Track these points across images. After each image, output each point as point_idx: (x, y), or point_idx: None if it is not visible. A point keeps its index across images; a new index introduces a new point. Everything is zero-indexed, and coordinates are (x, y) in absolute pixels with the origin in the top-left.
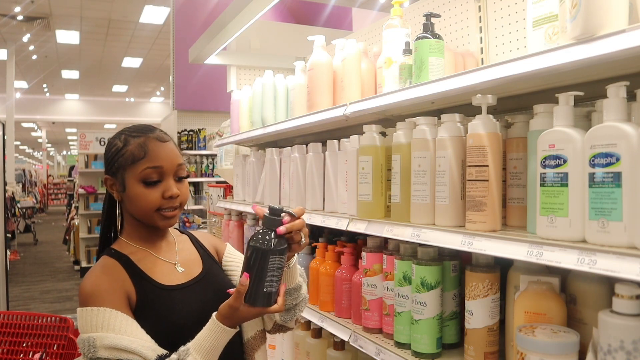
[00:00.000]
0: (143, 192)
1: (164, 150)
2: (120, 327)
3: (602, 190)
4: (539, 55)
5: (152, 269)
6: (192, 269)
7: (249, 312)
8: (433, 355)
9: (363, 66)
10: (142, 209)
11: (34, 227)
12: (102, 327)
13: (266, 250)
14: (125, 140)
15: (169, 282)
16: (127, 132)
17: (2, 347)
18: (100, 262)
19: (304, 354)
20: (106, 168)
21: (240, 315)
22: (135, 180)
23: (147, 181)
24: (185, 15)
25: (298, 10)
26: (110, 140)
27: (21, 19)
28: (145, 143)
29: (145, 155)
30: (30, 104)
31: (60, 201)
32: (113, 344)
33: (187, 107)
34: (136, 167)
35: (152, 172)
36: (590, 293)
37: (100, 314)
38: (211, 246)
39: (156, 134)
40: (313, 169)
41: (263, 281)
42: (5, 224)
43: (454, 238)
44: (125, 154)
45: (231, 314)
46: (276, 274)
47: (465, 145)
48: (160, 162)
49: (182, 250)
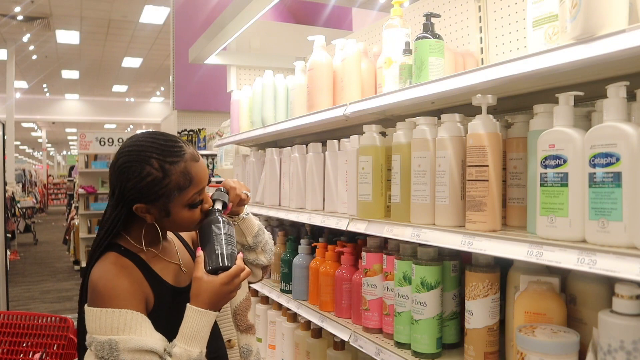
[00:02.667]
0: (190, 214)
1: (202, 170)
2: (141, 330)
3: (602, 190)
4: (539, 55)
5: (162, 271)
6: (191, 269)
7: (217, 281)
8: (433, 355)
9: (363, 66)
10: (187, 227)
11: (34, 227)
12: (123, 330)
13: (205, 224)
14: (162, 169)
15: (179, 284)
16: (158, 156)
17: (2, 347)
18: (112, 260)
19: (304, 354)
20: (136, 196)
21: (208, 288)
22: (181, 207)
23: (194, 204)
24: (185, 15)
25: (298, 10)
26: (133, 165)
27: (21, 19)
28: (187, 170)
29: (191, 183)
30: (30, 104)
31: (60, 201)
32: (138, 346)
33: (187, 107)
34: (183, 195)
35: (198, 196)
36: (590, 293)
37: (122, 316)
38: (189, 238)
39: (189, 153)
40: (313, 169)
41: (212, 245)
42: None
43: (454, 238)
44: (169, 184)
45: (198, 287)
46: (225, 238)
47: (465, 145)
48: (203, 183)
49: (179, 250)
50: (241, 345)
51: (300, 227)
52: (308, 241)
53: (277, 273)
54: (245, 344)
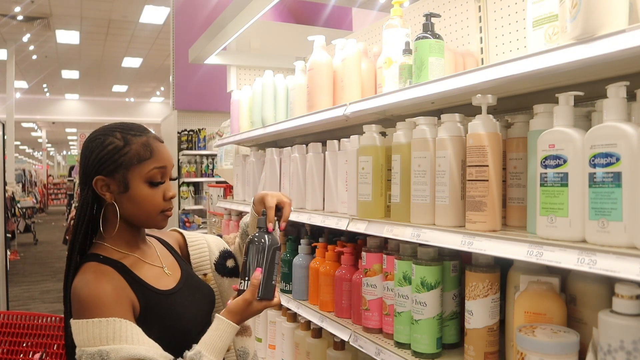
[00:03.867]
0: (149, 193)
1: (165, 151)
2: (132, 337)
3: (602, 190)
4: (539, 55)
5: (146, 275)
6: (175, 271)
7: (258, 307)
8: (433, 355)
9: (363, 66)
10: (147, 210)
11: (34, 227)
12: (113, 339)
13: (273, 246)
14: (124, 138)
15: (164, 286)
16: (121, 129)
17: (2, 347)
18: (92, 269)
19: (304, 354)
20: (96, 168)
21: (253, 310)
22: (140, 181)
23: (154, 182)
24: (185, 15)
25: (298, 10)
26: (98, 138)
27: (21, 19)
28: (148, 143)
29: (151, 155)
30: (30, 104)
31: (60, 201)
32: (131, 354)
33: (187, 107)
34: (142, 167)
35: (158, 172)
36: (590, 293)
37: (110, 325)
38: (175, 243)
39: (153, 134)
40: (313, 169)
41: (272, 275)
42: (5, 224)
43: (454, 238)
44: (129, 152)
45: (244, 309)
46: (277, 268)
47: (465, 145)
48: (165, 162)
49: (161, 252)
50: (237, 349)
51: (300, 227)
52: (308, 241)
53: None
54: (241, 347)
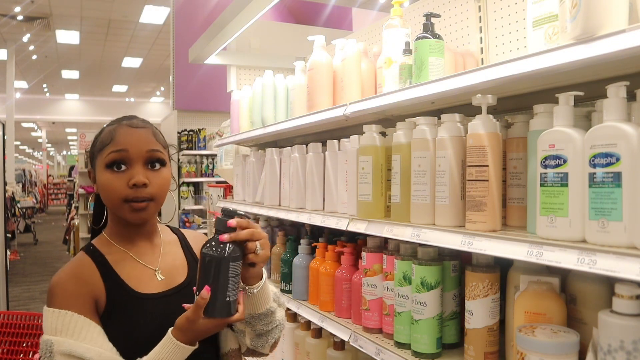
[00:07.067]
0: (109, 178)
1: (132, 135)
2: (80, 333)
3: (602, 190)
4: (539, 55)
5: (128, 274)
6: (174, 277)
7: (207, 325)
8: (433, 355)
9: (363, 66)
10: (110, 198)
11: (34, 227)
12: (61, 331)
13: (221, 258)
14: (101, 130)
15: (145, 289)
16: (110, 122)
17: (2, 347)
18: (76, 259)
19: (304, 354)
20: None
21: (199, 329)
22: (101, 167)
23: (110, 165)
24: (185, 15)
25: (298, 10)
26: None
27: (21, 19)
28: (114, 129)
29: (111, 140)
30: (30, 104)
31: (60, 201)
32: (69, 350)
33: (187, 107)
34: (103, 152)
35: (115, 155)
36: (590, 293)
37: (61, 317)
38: None
39: (130, 121)
40: (313, 169)
41: (224, 291)
42: (5, 224)
43: (454, 238)
44: (97, 142)
45: (188, 327)
46: (235, 281)
47: (465, 145)
48: (125, 145)
49: (167, 254)
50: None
51: (300, 227)
52: (308, 241)
53: (277, 273)
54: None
